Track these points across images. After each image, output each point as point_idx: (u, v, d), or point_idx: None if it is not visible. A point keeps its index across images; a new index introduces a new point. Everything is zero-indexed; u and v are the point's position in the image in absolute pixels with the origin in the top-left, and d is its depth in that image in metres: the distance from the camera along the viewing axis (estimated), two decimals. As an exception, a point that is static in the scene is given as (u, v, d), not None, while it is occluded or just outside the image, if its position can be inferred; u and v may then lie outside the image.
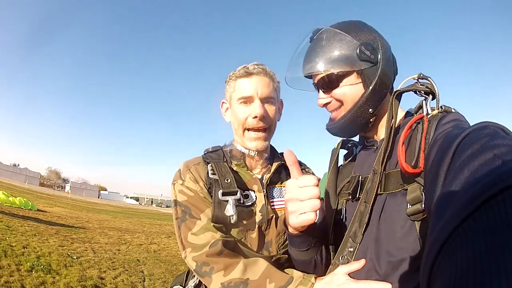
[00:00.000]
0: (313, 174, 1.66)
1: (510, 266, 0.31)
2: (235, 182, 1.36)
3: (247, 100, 1.40)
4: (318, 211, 0.96)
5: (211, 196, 1.33)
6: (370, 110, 1.05)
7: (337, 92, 1.07)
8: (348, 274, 0.98)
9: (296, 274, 1.12)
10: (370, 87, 1.02)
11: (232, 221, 1.28)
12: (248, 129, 1.42)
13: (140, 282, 5.88)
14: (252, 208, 1.38)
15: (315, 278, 1.07)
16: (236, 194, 1.32)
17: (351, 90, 1.05)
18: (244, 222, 1.34)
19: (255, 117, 1.37)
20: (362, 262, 0.96)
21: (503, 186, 0.38)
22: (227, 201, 1.30)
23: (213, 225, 1.27)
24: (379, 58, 1.02)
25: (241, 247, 1.29)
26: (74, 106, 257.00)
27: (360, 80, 1.04)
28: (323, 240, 1.16)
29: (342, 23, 1.09)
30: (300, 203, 0.96)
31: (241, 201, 1.34)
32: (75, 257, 6.73)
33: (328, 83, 1.08)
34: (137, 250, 9.29)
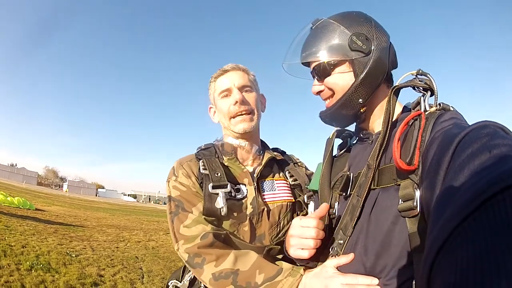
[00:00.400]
0: (305, 168, 1.72)
1: (510, 266, 0.32)
2: (226, 176, 1.40)
3: (227, 92, 1.51)
4: (311, 250, 1.06)
5: (203, 190, 1.37)
6: (360, 100, 1.05)
7: (329, 80, 1.09)
8: (337, 267, 1.01)
9: (286, 265, 1.17)
10: (360, 77, 1.03)
11: (222, 213, 1.32)
12: (234, 117, 1.50)
13: (139, 279, 5.90)
14: (243, 201, 1.42)
15: (304, 270, 1.12)
16: (226, 187, 1.36)
17: (342, 79, 1.06)
18: (235, 214, 1.38)
19: (236, 102, 1.47)
20: (350, 256, 0.98)
21: (504, 185, 0.38)
22: (218, 194, 1.34)
23: (204, 218, 1.32)
24: (371, 48, 1.03)
25: (234, 239, 1.33)
26: (71, 105, 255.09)
27: (351, 70, 1.05)
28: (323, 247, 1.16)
29: (340, 14, 1.11)
30: (299, 239, 1.07)
31: (232, 194, 1.38)
32: (74, 255, 6.74)
33: (321, 72, 1.09)
34: (135, 247, 9.30)
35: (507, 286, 0.30)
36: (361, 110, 1.08)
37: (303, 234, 1.06)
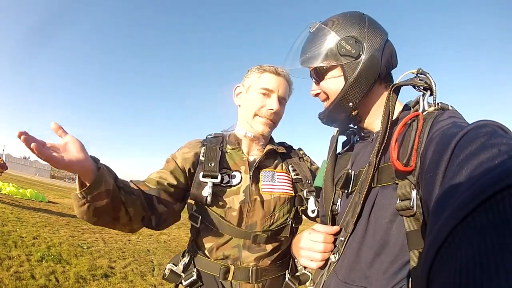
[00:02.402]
0: (311, 162, 1.84)
1: (510, 266, 0.32)
2: (223, 162, 1.58)
3: (268, 93, 1.63)
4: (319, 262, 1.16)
5: (194, 176, 1.54)
6: (350, 104, 1.11)
7: (323, 84, 1.16)
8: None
9: None
10: (349, 81, 1.08)
11: (207, 202, 1.47)
12: (260, 116, 1.63)
13: (150, 272, 6.02)
14: (236, 188, 1.55)
15: None
16: (216, 178, 1.49)
17: (334, 84, 1.13)
18: (225, 199, 1.52)
19: (271, 109, 1.61)
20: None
21: (503, 185, 0.39)
22: (206, 183, 1.48)
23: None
24: (361, 51, 1.07)
25: (221, 221, 1.50)
26: (85, 98, 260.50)
27: (342, 74, 1.11)
28: None
29: (334, 17, 1.16)
30: (308, 252, 1.17)
31: (223, 182, 1.53)
32: (85, 247, 6.92)
33: (317, 76, 1.18)
34: (147, 240, 9.46)
35: (507, 286, 0.31)
36: (353, 113, 1.14)
37: (311, 247, 1.16)
